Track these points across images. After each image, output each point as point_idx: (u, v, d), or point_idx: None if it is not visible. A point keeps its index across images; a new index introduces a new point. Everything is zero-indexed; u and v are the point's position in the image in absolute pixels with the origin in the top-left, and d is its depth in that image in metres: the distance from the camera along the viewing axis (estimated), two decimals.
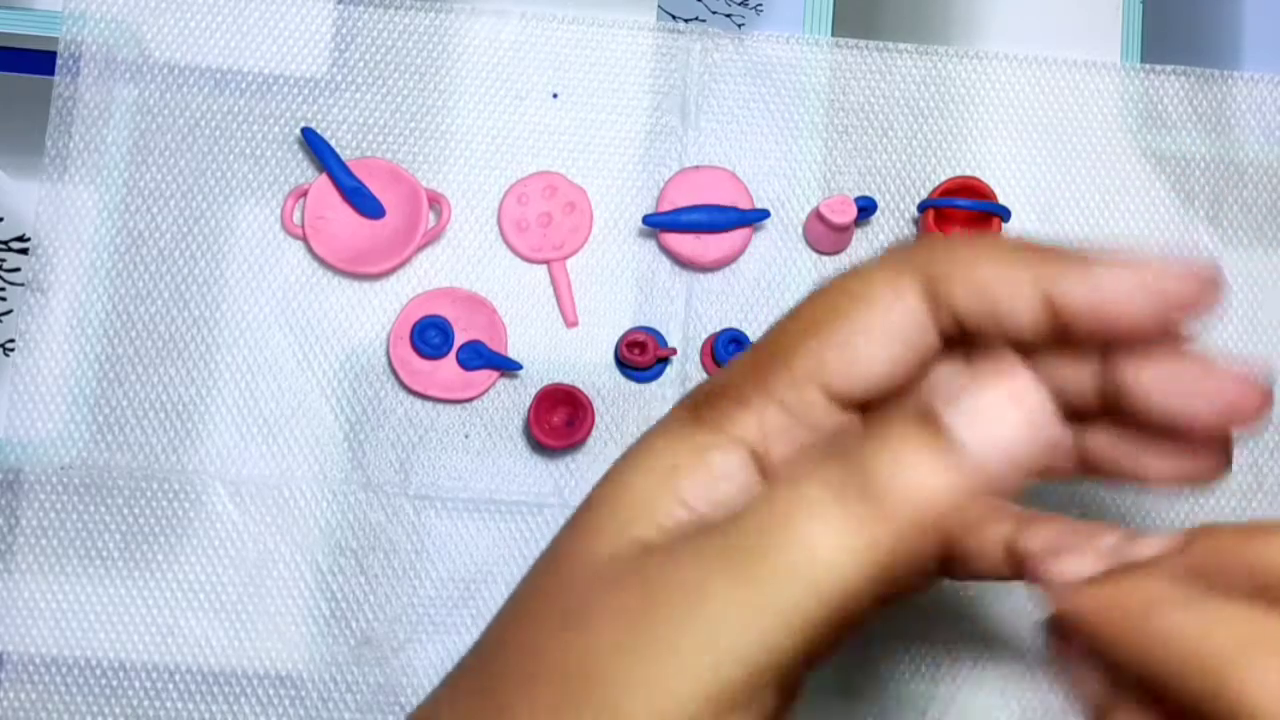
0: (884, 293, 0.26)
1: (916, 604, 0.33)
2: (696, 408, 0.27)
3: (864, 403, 0.27)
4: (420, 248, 0.47)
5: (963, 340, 0.27)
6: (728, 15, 0.50)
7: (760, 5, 0.50)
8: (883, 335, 0.26)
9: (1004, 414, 0.23)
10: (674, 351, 0.47)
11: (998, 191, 0.48)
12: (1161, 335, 0.25)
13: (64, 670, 0.45)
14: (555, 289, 0.48)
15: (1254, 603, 0.21)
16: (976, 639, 0.46)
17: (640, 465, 0.27)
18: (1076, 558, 0.24)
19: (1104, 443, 0.28)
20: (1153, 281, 0.25)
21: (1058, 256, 0.26)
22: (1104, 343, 0.26)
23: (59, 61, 0.48)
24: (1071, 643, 0.24)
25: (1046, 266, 0.25)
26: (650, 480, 0.26)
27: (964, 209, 0.47)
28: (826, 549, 0.23)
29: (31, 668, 0.45)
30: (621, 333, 0.47)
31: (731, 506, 0.25)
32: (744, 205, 0.47)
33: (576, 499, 0.46)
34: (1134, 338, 0.26)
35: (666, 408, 0.35)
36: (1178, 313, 0.25)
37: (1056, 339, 0.26)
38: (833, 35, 0.50)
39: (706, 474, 0.26)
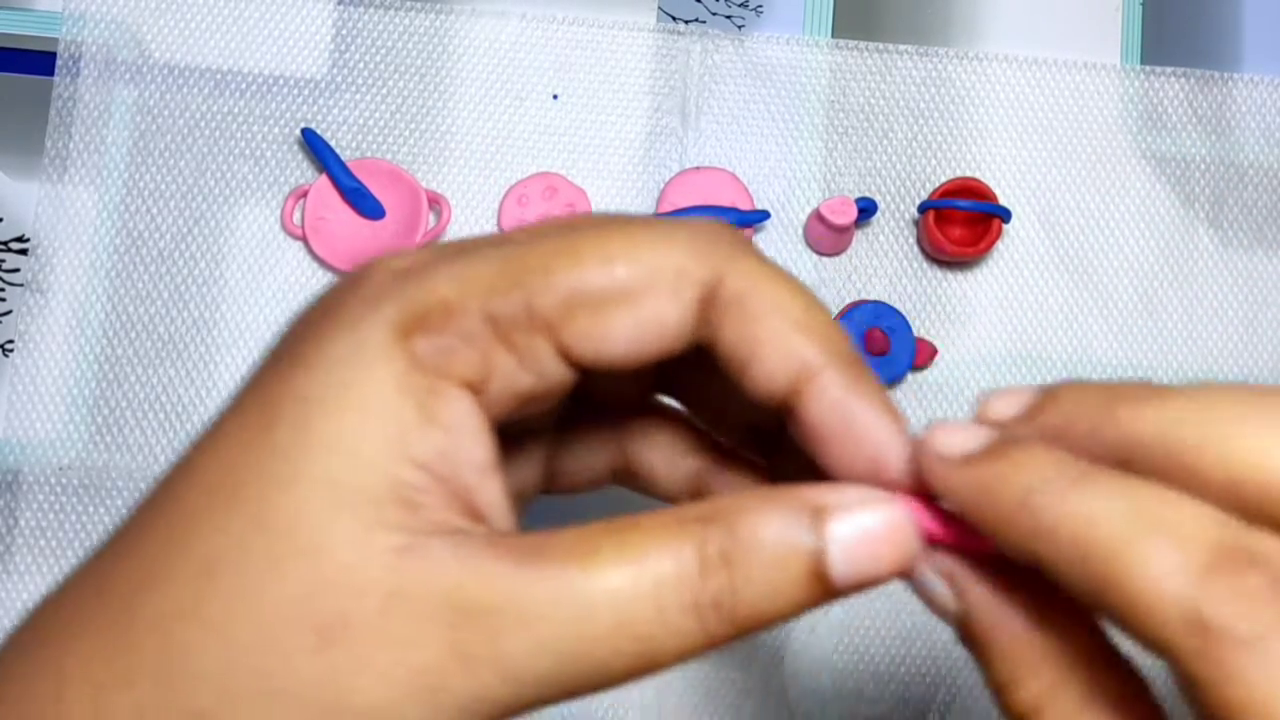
0: (669, 283, 0.23)
1: (918, 605, 0.33)
2: (409, 334, 0.22)
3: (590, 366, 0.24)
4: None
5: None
6: (728, 16, 0.50)
7: (760, 6, 0.50)
8: (645, 324, 0.23)
9: (881, 559, 0.22)
10: None
11: (998, 193, 0.48)
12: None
13: None
14: None
15: (1130, 478, 0.20)
16: None
17: (357, 425, 0.22)
18: (956, 431, 0.23)
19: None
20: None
21: (840, 359, 0.24)
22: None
23: (59, 62, 0.48)
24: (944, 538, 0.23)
25: (825, 357, 0.24)
26: (377, 444, 0.22)
27: (964, 210, 0.47)
28: (661, 649, 0.22)
29: None
30: None
31: (464, 458, 0.22)
32: (744, 206, 0.47)
33: (577, 497, 0.46)
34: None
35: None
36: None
37: (775, 410, 0.24)
38: (833, 36, 0.50)
39: (435, 430, 0.22)
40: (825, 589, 0.22)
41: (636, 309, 0.23)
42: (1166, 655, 0.19)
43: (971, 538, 0.23)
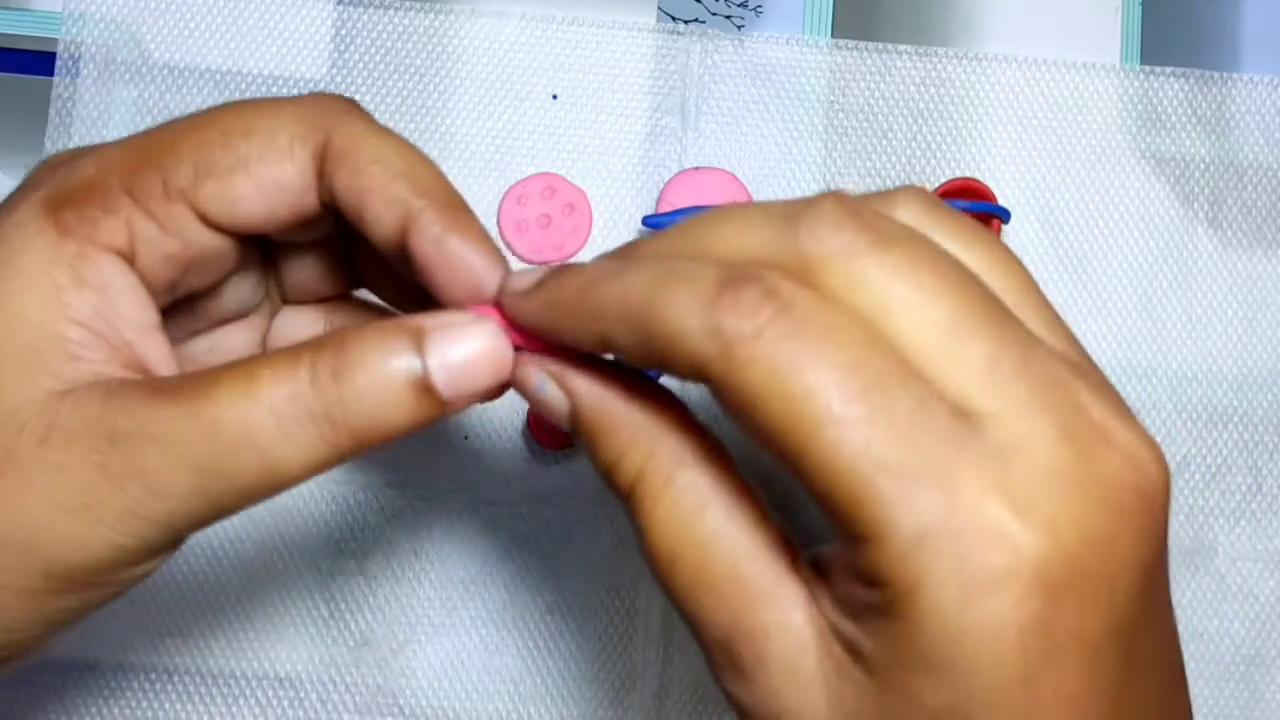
0: (283, 148, 0.27)
1: None
2: (57, 209, 0.26)
3: (239, 232, 0.28)
4: None
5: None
6: (727, 17, 0.50)
7: (760, 6, 0.50)
8: (269, 186, 0.27)
9: (478, 371, 0.26)
10: None
11: (997, 193, 0.48)
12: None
13: (63, 671, 0.45)
14: None
15: (653, 260, 0.24)
16: None
17: (19, 291, 0.26)
18: (523, 273, 0.26)
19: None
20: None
21: (438, 200, 0.27)
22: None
23: (59, 62, 0.48)
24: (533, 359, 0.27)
25: (423, 199, 0.27)
26: (37, 305, 0.26)
27: (963, 210, 0.47)
28: (285, 461, 0.25)
29: (30, 668, 0.44)
30: None
31: (121, 316, 0.27)
32: None
33: (577, 499, 0.46)
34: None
35: None
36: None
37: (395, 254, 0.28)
38: (832, 37, 0.50)
39: (89, 291, 0.26)
40: (435, 403, 0.25)
41: (256, 173, 0.27)
42: (702, 374, 0.22)
43: (550, 344, 0.26)
